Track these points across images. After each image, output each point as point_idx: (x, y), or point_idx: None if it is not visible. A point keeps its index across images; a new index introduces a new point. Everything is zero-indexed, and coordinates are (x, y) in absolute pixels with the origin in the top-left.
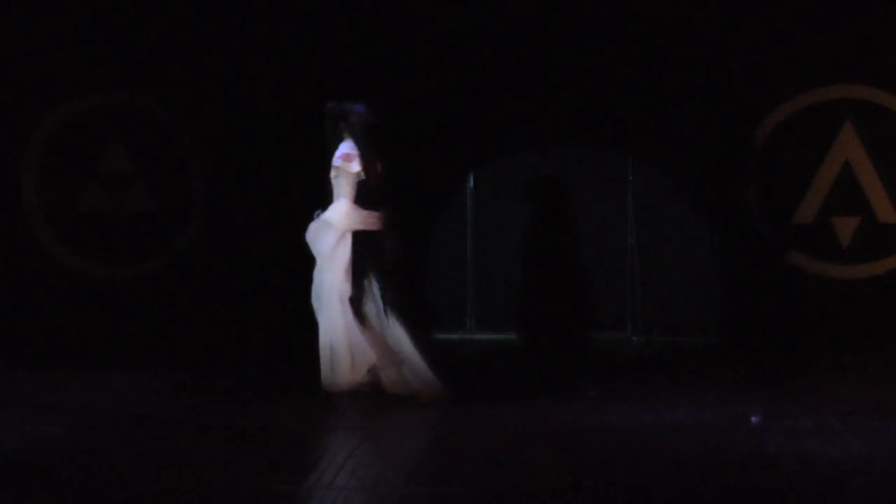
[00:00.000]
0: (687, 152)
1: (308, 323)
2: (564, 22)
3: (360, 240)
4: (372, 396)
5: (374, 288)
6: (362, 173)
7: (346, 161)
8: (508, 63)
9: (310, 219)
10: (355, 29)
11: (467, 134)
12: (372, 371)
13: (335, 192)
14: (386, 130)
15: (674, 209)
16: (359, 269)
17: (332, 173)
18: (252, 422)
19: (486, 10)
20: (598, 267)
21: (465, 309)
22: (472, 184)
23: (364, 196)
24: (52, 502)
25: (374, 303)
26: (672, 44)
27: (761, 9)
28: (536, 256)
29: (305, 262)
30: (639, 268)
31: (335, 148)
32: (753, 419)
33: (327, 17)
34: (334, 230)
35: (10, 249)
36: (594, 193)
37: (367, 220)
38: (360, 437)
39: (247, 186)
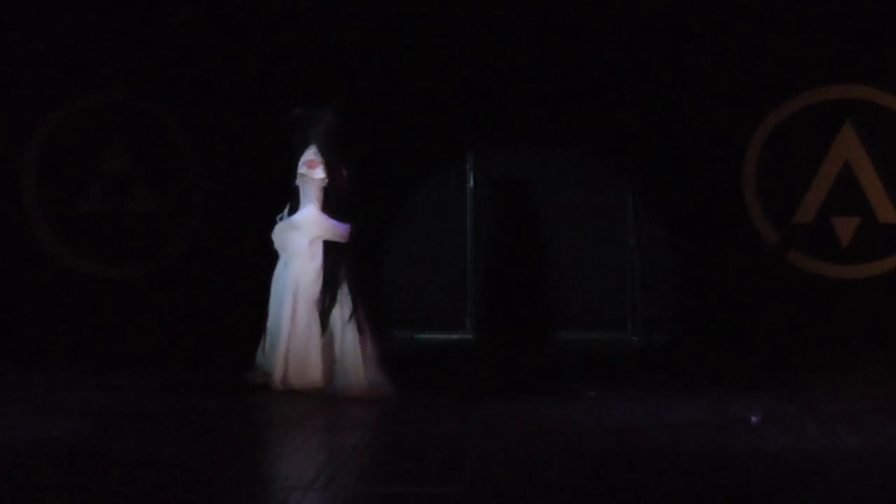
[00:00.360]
0: (687, 152)
1: None
2: (565, 22)
3: (332, 250)
4: (366, 397)
5: (344, 296)
6: (327, 179)
7: (311, 167)
8: (510, 62)
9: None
10: (357, 30)
11: (468, 134)
12: (329, 373)
13: (302, 198)
14: (353, 136)
15: (674, 209)
16: (331, 279)
17: (298, 180)
18: (252, 421)
19: (487, 10)
20: (598, 267)
21: (464, 309)
22: (471, 184)
23: (331, 202)
24: (52, 502)
25: (339, 310)
26: (672, 44)
27: (761, 9)
28: (506, 256)
29: None
30: (639, 268)
31: (301, 154)
32: (753, 418)
33: (327, 17)
34: (304, 234)
35: (10, 249)
36: (594, 193)
37: (333, 230)
38: (360, 436)
39: (247, 186)
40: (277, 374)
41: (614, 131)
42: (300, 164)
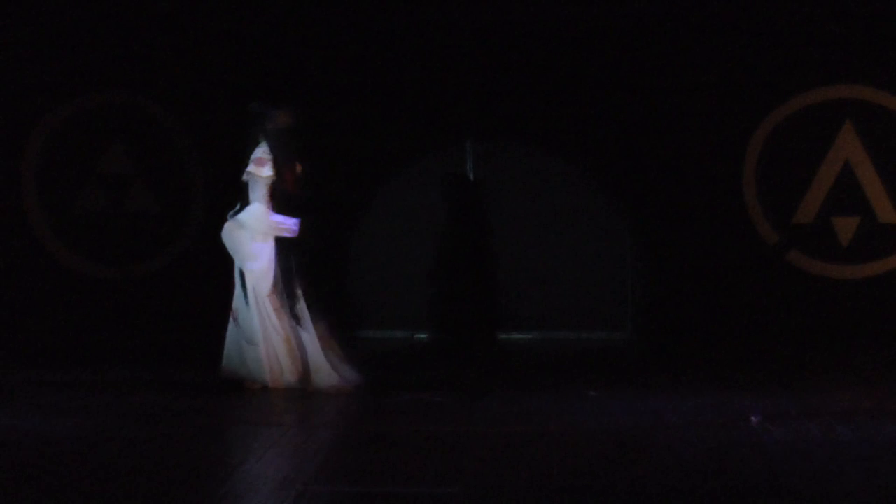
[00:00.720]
0: (687, 152)
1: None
2: (565, 22)
3: (282, 247)
4: (368, 395)
5: (300, 293)
6: (274, 178)
7: (258, 165)
8: (510, 61)
9: (310, 219)
10: (354, 31)
11: (465, 134)
12: (303, 369)
13: (249, 195)
14: (307, 135)
15: (673, 209)
16: (286, 274)
17: (245, 177)
18: (252, 421)
19: (487, 9)
20: (597, 267)
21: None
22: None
23: (280, 201)
24: (52, 502)
25: (298, 306)
26: (672, 44)
27: (762, 9)
28: (460, 255)
29: None
30: (639, 268)
31: (252, 150)
32: (753, 419)
33: (328, 16)
34: (249, 232)
35: (10, 249)
36: (594, 193)
37: (279, 227)
38: (360, 436)
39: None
40: (269, 375)
41: (614, 131)
42: (249, 161)
